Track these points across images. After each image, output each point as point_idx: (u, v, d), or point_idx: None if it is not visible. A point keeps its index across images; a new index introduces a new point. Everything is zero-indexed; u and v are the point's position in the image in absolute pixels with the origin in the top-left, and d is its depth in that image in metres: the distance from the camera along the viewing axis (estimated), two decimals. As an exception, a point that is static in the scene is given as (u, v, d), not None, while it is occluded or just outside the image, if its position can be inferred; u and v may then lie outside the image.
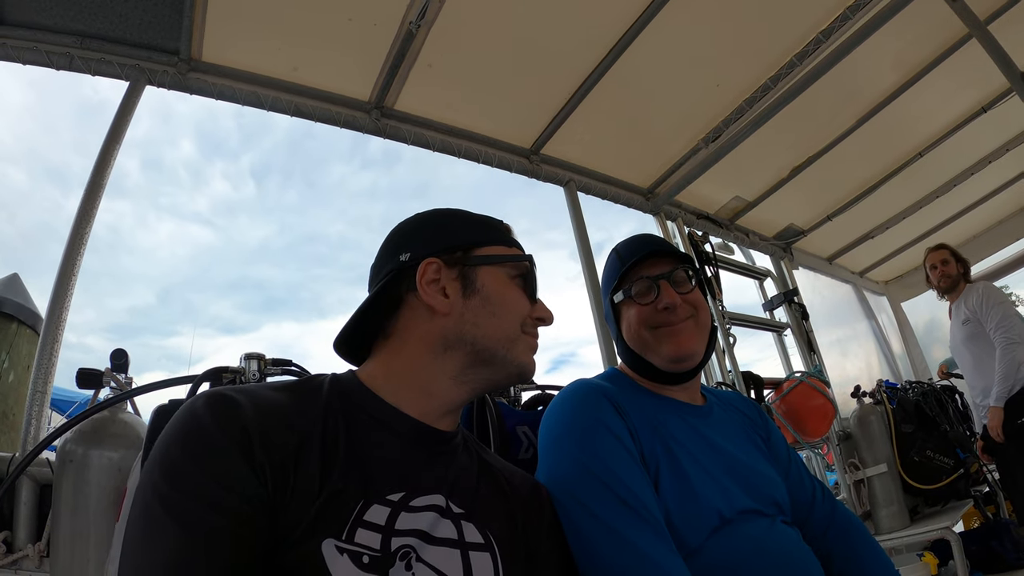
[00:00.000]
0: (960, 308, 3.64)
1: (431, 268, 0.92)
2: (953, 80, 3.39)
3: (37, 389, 1.78)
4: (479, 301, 0.92)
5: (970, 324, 3.56)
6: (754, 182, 4.06)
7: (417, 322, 0.92)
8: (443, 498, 0.82)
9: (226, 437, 0.68)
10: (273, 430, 0.71)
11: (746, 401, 1.49)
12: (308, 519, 0.68)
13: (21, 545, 1.52)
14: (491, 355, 0.91)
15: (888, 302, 6.05)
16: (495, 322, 0.92)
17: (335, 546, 0.68)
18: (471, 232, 0.99)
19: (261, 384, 0.87)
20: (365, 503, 0.74)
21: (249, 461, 0.67)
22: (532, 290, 0.99)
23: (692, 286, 1.29)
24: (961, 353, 3.71)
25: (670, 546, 1.00)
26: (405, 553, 0.73)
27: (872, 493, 3.41)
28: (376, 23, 2.42)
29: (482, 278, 0.94)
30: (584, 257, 3.28)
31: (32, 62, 2.19)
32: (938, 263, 3.78)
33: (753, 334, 4.20)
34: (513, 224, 1.04)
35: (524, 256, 1.00)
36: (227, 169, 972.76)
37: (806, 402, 3.35)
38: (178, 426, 0.70)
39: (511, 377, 0.95)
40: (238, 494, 0.65)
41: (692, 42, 2.84)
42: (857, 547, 1.28)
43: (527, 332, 0.96)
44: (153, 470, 0.67)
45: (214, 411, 0.70)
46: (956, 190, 4.55)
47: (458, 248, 0.95)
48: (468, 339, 0.90)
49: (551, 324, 1.01)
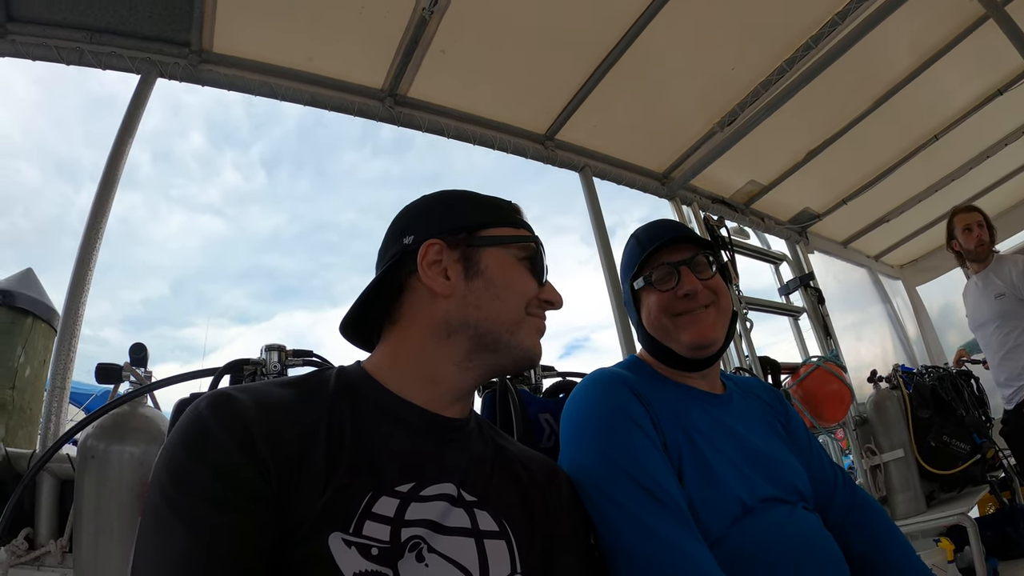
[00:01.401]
0: (991, 280, 3.36)
1: (433, 249, 0.90)
2: (969, 62, 3.34)
3: (56, 384, 1.79)
4: (482, 283, 0.90)
5: (1004, 299, 3.29)
6: (769, 166, 4.03)
7: (421, 306, 0.91)
8: (454, 487, 0.82)
9: (229, 436, 0.68)
10: (276, 427, 0.72)
11: (765, 387, 1.48)
12: (315, 514, 0.69)
13: (43, 541, 1.53)
14: (494, 339, 0.90)
15: (903, 286, 6.00)
16: (498, 304, 0.90)
17: (342, 539, 0.68)
18: (476, 213, 0.97)
19: (267, 381, 0.87)
20: (373, 495, 0.73)
21: (253, 459, 0.68)
22: (539, 272, 0.96)
23: (713, 272, 1.28)
24: (987, 331, 3.45)
25: (695, 534, 1.00)
26: (415, 544, 0.73)
27: (888, 478, 3.40)
28: (388, 10, 2.41)
29: (486, 260, 0.92)
30: (600, 242, 3.27)
31: (42, 58, 2.19)
32: (974, 225, 3.41)
33: (766, 318, 4.17)
34: (525, 209, 1.03)
35: (530, 237, 0.98)
36: (237, 159, 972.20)
37: (823, 387, 3.33)
38: (183, 428, 0.70)
39: (517, 362, 0.94)
40: (244, 492, 0.66)
41: (707, 25, 2.81)
42: (878, 532, 1.29)
43: (533, 314, 0.94)
44: (160, 472, 0.68)
45: (217, 411, 0.71)
46: (972, 173, 4.50)
47: (462, 229, 0.93)
48: (471, 322, 0.89)
49: (560, 307, 0.99)
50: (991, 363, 3.52)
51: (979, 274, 3.46)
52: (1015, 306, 3.27)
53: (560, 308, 0.98)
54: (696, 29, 2.82)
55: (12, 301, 1.94)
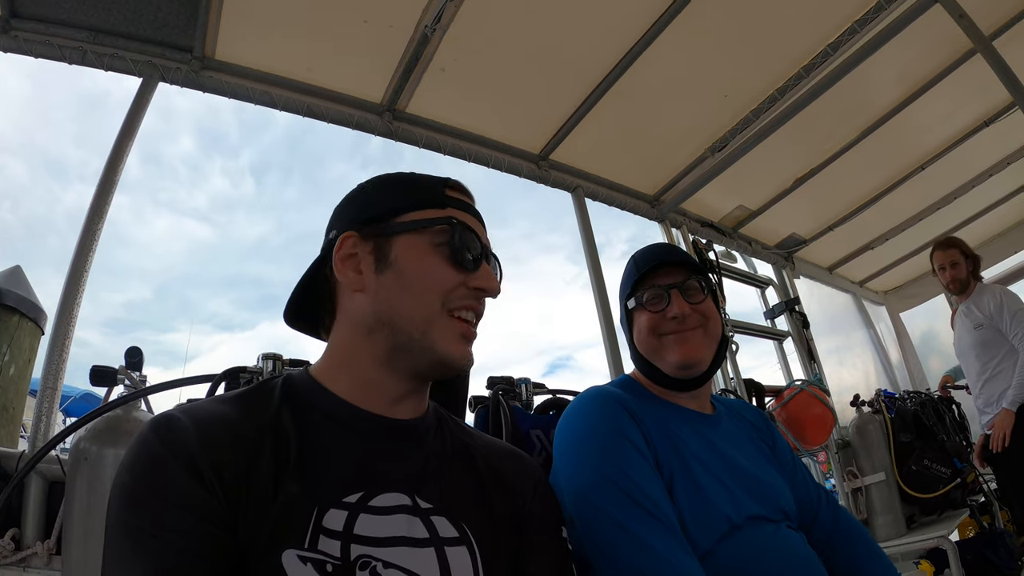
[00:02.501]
0: (972, 312, 3.44)
1: (348, 243, 0.85)
2: (957, 94, 3.42)
3: (47, 385, 1.78)
4: (392, 275, 0.83)
5: (983, 330, 3.37)
6: (758, 191, 4.09)
7: (344, 303, 0.86)
8: (408, 496, 0.77)
9: (174, 460, 0.67)
10: (219, 447, 0.69)
11: (753, 410, 1.52)
12: (267, 530, 0.67)
13: (30, 543, 1.52)
14: (407, 338, 0.82)
15: (887, 312, 6.07)
16: (408, 299, 0.82)
17: (297, 556, 0.66)
18: (395, 198, 0.88)
19: (214, 397, 0.85)
20: (320, 508, 0.70)
21: (199, 481, 0.66)
22: (461, 258, 0.85)
23: (704, 296, 1.31)
24: (968, 359, 3.52)
25: (687, 549, 1.03)
26: (365, 563, 0.69)
27: (870, 501, 3.44)
28: (392, 25, 2.44)
29: (396, 249, 0.84)
30: (591, 262, 3.30)
31: (45, 56, 2.19)
32: (947, 265, 3.48)
33: (751, 341, 4.21)
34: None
35: (445, 218, 0.86)
36: (226, 165, 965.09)
37: (806, 410, 3.37)
38: (131, 455, 0.69)
39: (433, 367, 0.84)
40: (196, 515, 0.64)
41: (701, 53, 2.87)
42: (860, 551, 1.31)
43: (453, 309, 0.84)
44: (114, 502, 0.67)
45: (159, 436, 0.69)
46: (957, 202, 4.58)
47: (377, 219, 0.86)
48: (384, 319, 0.82)
49: (495, 295, 0.89)
50: (972, 390, 3.58)
51: (963, 304, 3.52)
52: (993, 336, 3.33)
53: (495, 296, 0.90)
54: (691, 56, 2.87)
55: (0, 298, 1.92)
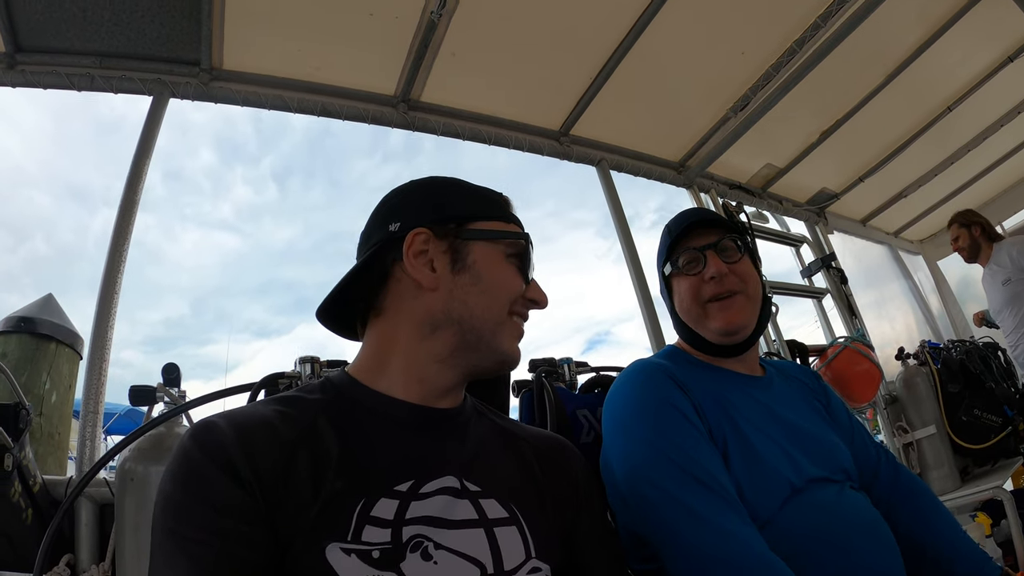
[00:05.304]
0: (995, 271, 3.53)
1: (420, 238, 0.87)
2: (978, 31, 3.30)
3: (89, 409, 1.80)
4: (469, 278, 0.87)
5: (1010, 284, 3.44)
6: (784, 148, 4.01)
7: (404, 298, 0.88)
8: (456, 479, 0.80)
9: (212, 464, 0.69)
10: (256, 448, 0.71)
11: (804, 370, 1.49)
12: (308, 526, 0.69)
13: (85, 567, 1.53)
14: (477, 338, 0.86)
15: (924, 261, 5.94)
16: (484, 301, 0.87)
17: (340, 548, 0.68)
18: (466, 204, 0.93)
19: (256, 402, 0.88)
20: (368, 500, 0.72)
21: (237, 482, 0.68)
22: (526, 270, 0.93)
23: (740, 255, 1.28)
24: (1003, 317, 3.60)
25: (746, 518, 1.00)
26: (418, 543, 0.71)
27: (922, 456, 3.37)
28: (397, 15, 2.42)
29: (474, 253, 0.88)
30: (622, 234, 3.28)
31: (52, 86, 2.21)
32: (952, 242, 3.78)
33: (787, 301, 4.15)
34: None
35: (521, 233, 0.94)
36: (247, 174, 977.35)
37: (852, 367, 3.29)
38: (172, 463, 0.72)
39: (494, 365, 0.90)
40: (236, 516, 0.66)
41: (714, 11, 2.79)
42: (924, 509, 1.27)
43: (516, 313, 0.91)
44: (158, 507, 0.70)
45: (197, 441, 0.71)
46: (987, 143, 4.44)
47: (451, 220, 0.90)
48: (455, 318, 0.86)
49: (544, 307, 0.95)
50: (1008, 344, 3.64)
51: (986, 267, 3.63)
52: (1022, 288, 3.41)
53: (545, 308, 0.96)
54: (703, 16, 2.80)
55: (34, 328, 1.94)
